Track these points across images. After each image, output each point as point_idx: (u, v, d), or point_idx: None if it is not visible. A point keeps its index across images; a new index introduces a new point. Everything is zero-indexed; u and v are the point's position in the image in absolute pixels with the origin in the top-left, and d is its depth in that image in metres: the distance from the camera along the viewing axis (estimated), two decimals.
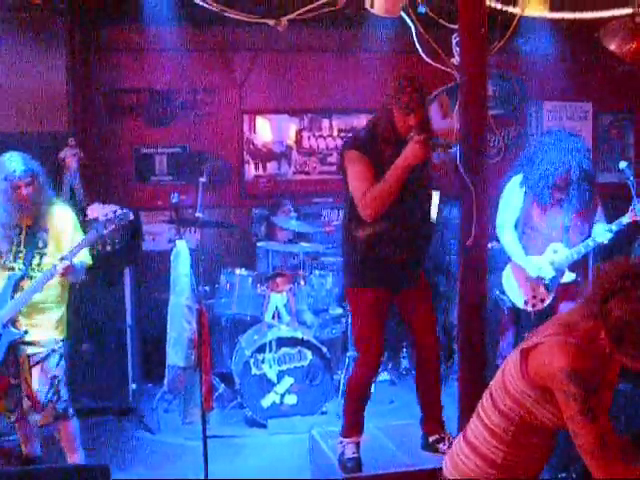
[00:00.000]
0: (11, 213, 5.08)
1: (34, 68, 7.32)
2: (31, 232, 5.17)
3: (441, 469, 3.38)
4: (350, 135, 7.93)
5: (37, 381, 5.15)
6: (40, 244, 5.16)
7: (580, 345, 2.86)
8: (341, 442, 4.95)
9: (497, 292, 6.42)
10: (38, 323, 5.17)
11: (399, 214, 4.66)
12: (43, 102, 7.34)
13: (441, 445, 5.01)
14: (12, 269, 5.11)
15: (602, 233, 5.93)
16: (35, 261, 5.14)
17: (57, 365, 5.22)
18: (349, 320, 7.30)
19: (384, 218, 4.62)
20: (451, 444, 4.85)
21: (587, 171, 5.96)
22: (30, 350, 5.16)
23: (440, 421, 5.16)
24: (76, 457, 5.39)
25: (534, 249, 6.14)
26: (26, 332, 5.10)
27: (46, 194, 5.23)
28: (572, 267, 6.10)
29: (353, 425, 5.01)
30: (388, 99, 4.61)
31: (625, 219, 5.89)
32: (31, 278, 5.09)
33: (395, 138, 4.61)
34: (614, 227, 5.92)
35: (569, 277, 6.12)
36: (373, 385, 7.23)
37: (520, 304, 6.22)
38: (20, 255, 5.14)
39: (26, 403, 5.20)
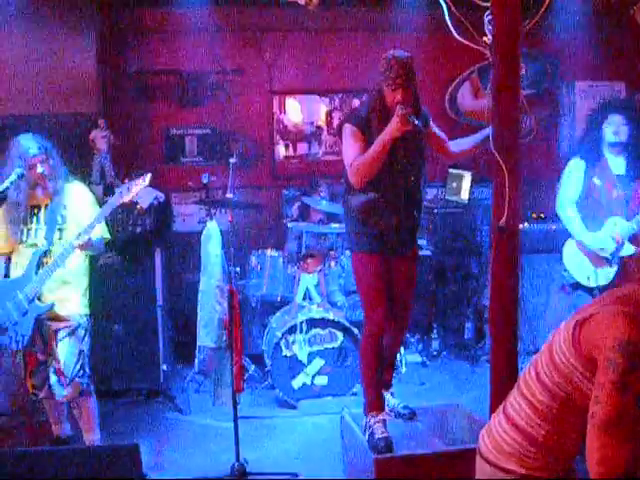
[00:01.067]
0: (29, 192, 5.21)
1: (65, 50, 7.36)
2: (50, 209, 5.27)
3: (477, 446, 3.34)
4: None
5: (65, 355, 5.22)
6: (60, 220, 5.26)
7: (636, 315, 2.81)
8: (368, 422, 4.95)
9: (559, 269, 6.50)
10: (63, 297, 5.25)
11: (388, 183, 4.91)
12: (74, 84, 7.38)
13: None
14: (35, 245, 5.21)
15: None
16: (56, 237, 5.23)
17: (83, 339, 5.31)
18: None
19: (374, 187, 4.90)
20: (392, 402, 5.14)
21: None
22: (56, 325, 5.24)
23: (390, 386, 5.46)
24: (93, 436, 5.44)
25: (595, 223, 6.14)
26: (53, 305, 5.18)
27: (61, 171, 5.33)
28: (632, 240, 6.09)
29: (375, 399, 5.06)
30: (379, 77, 4.85)
31: None
32: (53, 253, 5.17)
33: (385, 114, 4.80)
34: None
35: (630, 250, 6.09)
36: (404, 366, 7.29)
37: (583, 280, 6.22)
38: (41, 232, 5.25)
39: (53, 378, 5.24)
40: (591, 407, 2.80)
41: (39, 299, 5.16)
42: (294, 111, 8.90)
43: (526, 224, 7.60)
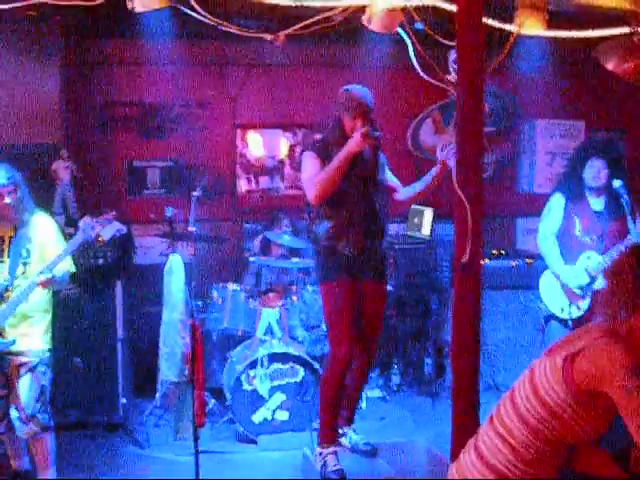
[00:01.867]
0: None
1: (27, 80, 7.32)
2: (14, 242, 5.16)
3: None
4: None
5: (26, 391, 5.12)
6: (24, 254, 5.16)
7: (628, 341, 2.87)
8: (321, 453, 4.99)
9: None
10: (25, 333, 5.15)
11: (351, 208, 5.05)
12: (36, 114, 7.34)
13: (342, 439, 5.33)
14: None
15: (632, 240, 6.01)
16: (19, 271, 5.13)
17: (44, 375, 5.21)
18: None
19: (337, 212, 5.05)
20: (353, 439, 5.20)
21: (623, 178, 6.09)
22: (18, 360, 5.13)
23: (351, 422, 5.51)
24: (49, 473, 5.33)
25: (571, 257, 6.24)
26: (14, 341, 5.07)
27: (28, 203, 5.24)
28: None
29: (330, 431, 5.13)
30: (338, 107, 5.13)
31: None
32: (16, 288, 5.06)
33: (344, 141, 4.97)
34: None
35: (602, 283, 6.16)
36: (365, 402, 7.28)
37: (557, 312, 6.30)
38: (4, 266, 5.13)
39: (14, 413, 5.15)
40: (556, 425, 2.86)
41: (0, 335, 5.05)
42: (256, 145, 8.92)
43: (487, 260, 7.65)
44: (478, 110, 4.77)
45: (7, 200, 5.06)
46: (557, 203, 6.35)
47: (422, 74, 5.02)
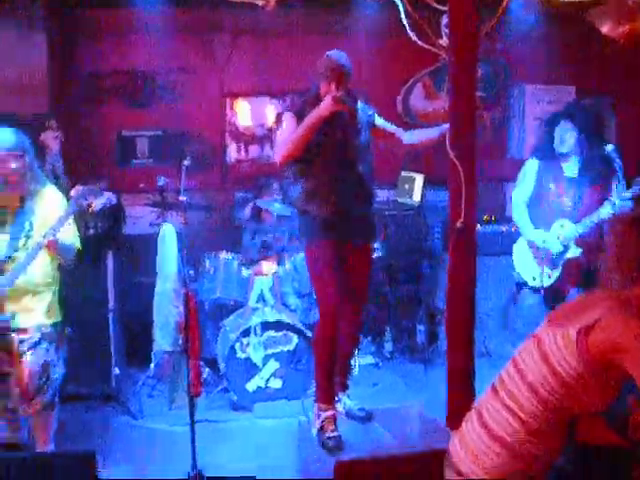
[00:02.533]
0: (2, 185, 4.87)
1: (14, 50, 7.24)
2: (19, 214, 4.95)
3: (444, 450, 3.34)
4: None
5: (28, 369, 4.98)
6: (27, 226, 4.93)
7: (634, 305, 2.89)
8: (319, 416, 4.99)
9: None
10: (27, 308, 4.98)
11: (324, 172, 5.03)
12: (23, 85, 7.25)
13: (336, 404, 5.27)
14: None
15: (606, 210, 5.99)
16: (21, 243, 4.90)
17: (47, 351, 5.06)
18: None
19: (309, 177, 5.05)
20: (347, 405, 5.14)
21: (599, 146, 6.09)
22: (19, 337, 4.95)
23: (345, 387, 5.48)
24: (47, 448, 5.20)
25: (544, 224, 6.25)
26: (13, 316, 4.86)
27: (37, 173, 5.06)
28: (577, 242, 6.19)
29: (325, 390, 5.12)
30: (317, 73, 5.12)
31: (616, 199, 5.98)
32: (15, 260, 4.86)
33: (318, 105, 4.92)
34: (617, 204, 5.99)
35: (574, 252, 6.20)
36: (357, 368, 7.29)
37: (530, 280, 6.32)
38: (5, 237, 4.92)
39: (15, 392, 5.07)
40: (566, 395, 2.90)
41: (1, 308, 4.85)
42: (245, 113, 8.86)
43: (478, 226, 7.65)
44: (471, 74, 4.76)
45: (13, 166, 4.83)
46: (531, 168, 6.41)
47: (414, 39, 4.98)
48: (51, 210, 5.00)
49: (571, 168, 6.24)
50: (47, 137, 6.98)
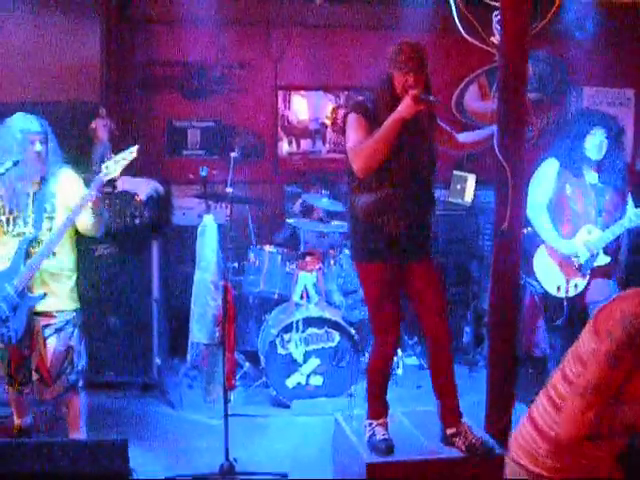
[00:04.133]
0: (26, 166, 4.94)
1: (68, 38, 7.31)
2: (39, 197, 5.03)
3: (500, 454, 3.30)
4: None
5: (52, 353, 5.03)
6: (48, 208, 5.03)
7: None
8: (370, 424, 4.85)
9: (527, 278, 6.22)
10: (53, 291, 5.03)
11: (399, 181, 4.55)
12: (77, 72, 7.35)
13: (457, 439, 4.77)
14: (21, 235, 4.97)
15: (636, 215, 5.83)
16: (45, 225, 4.99)
17: (72, 336, 5.11)
18: None
19: (383, 185, 4.55)
20: (467, 439, 4.76)
21: (619, 152, 5.94)
22: (44, 321, 5.02)
23: (455, 413, 4.88)
24: (79, 435, 5.23)
25: (567, 231, 6.06)
26: (45, 295, 4.96)
27: (57, 156, 5.14)
28: (606, 250, 6.01)
29: (378, 407, 4.91)
30: (388, 63, 4.56)
31: None
32: (40, 243, 4.95)
33: (393, 102, 4.49)
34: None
35: (603, 260, 6.02)
36: (401, 369, 7.21)
37: (553, 290, 6.11)
38: (29, 220, 4.99)
39: (35, 375, 5.08)
40: (580, 368, 2.83)
41: (30, 290, 4.94)
42: (300, 107, 8.85)
43: (528, 229, 7.53)
44: (521, 73, 4.66)
45: (38, 148, 4.94)
46: (550, 168, 6.07)
47: (466, 36, 4.88)
48: (70, 190, 5.11)
49: (592, 174, 6.06)
50: (97, 125, 7.03)
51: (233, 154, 6.42)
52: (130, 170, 5.18)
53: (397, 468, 4.58)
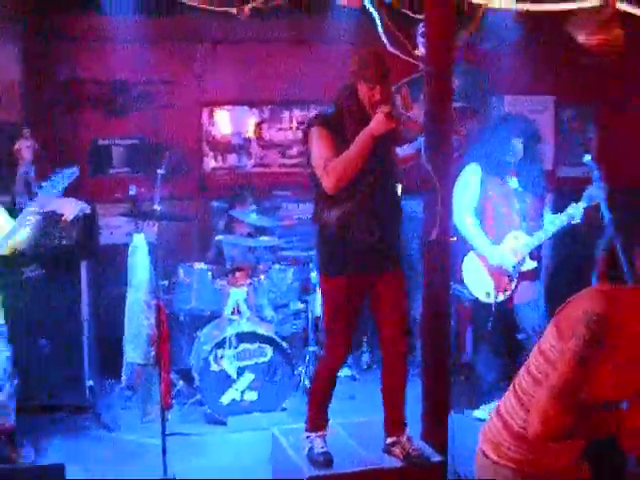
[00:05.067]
0: None
1: None
2: None
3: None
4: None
5: None
6: None
7: (613, 294, 2.83)
8: (308, 437, 4.87)
9: (455, 286, 6.21)
10: None
11: (366, 195, 4.54)
12: None
13: (395, 448, 4.84)
14: None
15: (551, 222, 5.96)
16: None
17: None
18: (309, 315, 7.26)
19: (350, 199, 4.52)
20: (405, 448, 4.76)
21: (536, 155, 6.06)
22: None
23: (398, 424, 4.95)
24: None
25: (493, 236, 6.14)
26: None
27: None
28: (531, 254, 6.12)
29: (319, 418, 4.95)
30: (352, 75, 4.53)
31: (571, 209, 5.94)
32: None
33: (360, 114, 4.51)
34: (563, 217, 5.95)
35: (530, 264, 6.12)
36: None
37: (482, 297, 6.19)
38: None
39: None
40: (549, 370, 2.85)
41: None
42: (223, 122, 8.81)
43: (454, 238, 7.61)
44: (447, 85, 4.73)
45: None
46: (474, 173, 6.20)
47: (390, 48, 4.94)
48: None
49: (513, 179, 6.17)
50: (21, 146, 6.92)
51: (160, 171, 6.38)
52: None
53: None
